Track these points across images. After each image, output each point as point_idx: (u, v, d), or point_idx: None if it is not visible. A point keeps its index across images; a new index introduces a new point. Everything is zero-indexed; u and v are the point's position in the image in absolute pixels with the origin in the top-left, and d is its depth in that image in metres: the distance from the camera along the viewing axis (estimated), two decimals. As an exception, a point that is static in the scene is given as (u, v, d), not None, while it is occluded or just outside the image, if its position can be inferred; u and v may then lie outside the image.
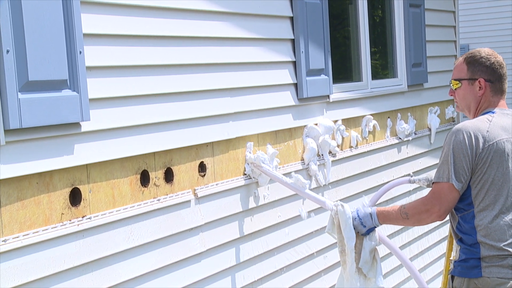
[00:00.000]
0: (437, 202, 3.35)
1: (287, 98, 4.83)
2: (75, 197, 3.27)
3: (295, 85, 4.90)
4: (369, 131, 5.91)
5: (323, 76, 5.15)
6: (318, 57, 5.08)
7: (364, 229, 3.64)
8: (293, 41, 4.90)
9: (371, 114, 5.90)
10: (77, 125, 3.22)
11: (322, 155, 5.19)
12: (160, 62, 3.78)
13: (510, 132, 3.42)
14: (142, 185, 3.65)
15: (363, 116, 5.82)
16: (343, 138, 5.50)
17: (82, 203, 3.29)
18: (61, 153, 3.15)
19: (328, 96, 5.26)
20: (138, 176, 3.63)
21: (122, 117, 3.50)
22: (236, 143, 4.34)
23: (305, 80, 4.92)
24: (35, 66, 2.97)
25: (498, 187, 3.36)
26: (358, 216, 3.66)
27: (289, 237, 4.81)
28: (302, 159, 5.00)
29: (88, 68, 3.29)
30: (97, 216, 3.36)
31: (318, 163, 5.11)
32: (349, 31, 6.08)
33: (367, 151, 5.86)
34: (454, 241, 3.57)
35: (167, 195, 3.80)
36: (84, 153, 3.28)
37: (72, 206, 3.24)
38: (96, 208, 3.36)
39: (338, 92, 5.47)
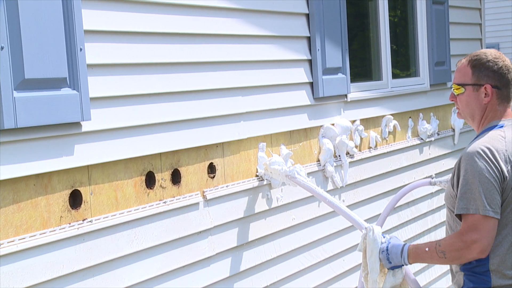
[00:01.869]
0: (477, 235, 2.96)
1: (302, 97, 4.69)
2: (75, 199, 3.16)
3: (311, 84, 4.76)
4: (389, 132, 5.74)
5: (340, 75, 5.00)
6: (335, 55, 4.93)
7: (389, 265, 3.27)
8: (309, 38, 4.75)
9: (391, 114, 5.73)
10: (77, 124, 3.11)
11: (339, 156, 5.04)
12: (166, 60, 3.66)
13: None
14: (147, 187, 3.53)
15: (383, 116, 5.66)
16: (361, 138, 5.35)
17: (82, 205, 3.18)
18: (60, 154, 3.04)
19: (345, 96, 5.11)
20: (143, 178, 3.51)
21: (126, 117, 3.39)
22: (248, 143, 4.21)
23: (321, 79, 4.77)
24: (32, 64, 2.86)
25: None
26: (387, 249, 3.26)
27: (303, 240, 4.67)
28: (318, 160, 4.86)
29: (90, 65, 3.18)
30: (98, 219, 3.25)
31: (334, 164, 4.96)
32: (369, 28, 5.91)
33: (387, 152, 5.70)
34: (453, 265, 3.24)
35: (174, 197, 3.68)
36: (85, 153, 3.16)
37: (72, 208, 3.13)
38: (97, 210, 3.25)
39: (356, 91, 5.32)
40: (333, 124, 4.96)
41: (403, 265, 3.27)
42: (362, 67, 5.92)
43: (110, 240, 3.30)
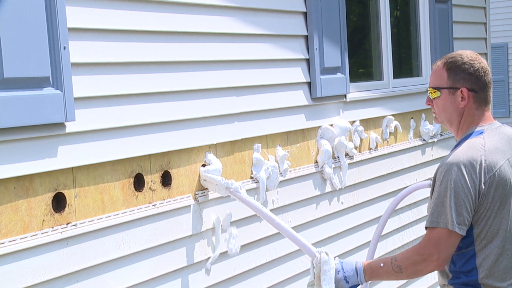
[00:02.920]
0: (435, 249, 2.86)
1: (300, 97, 4.58)
2: (59, 202, 3.06)
3: (309, 84, 4.66)
4: (390, 132, 5.63)
5: (339, 75, 4.90)
6: (334, 54, 4.82)
7: (346, 285, 3.09)
8: (306, 37, 4.65)
9: (392, 115, 5.62)
10: (61, 125, 3.01)
11: (338, 157, 4.93)
12: (156, 59, 3.56)
13: (505, 151, 2.99)
14: (136, 190, 3.43)
15: (383, 117, 5.55)
16: (361, 139, 5.24)
17: (66, 209, 3.08)
18: (42, 156, 2.94)
19: (344, 96, 5.00)
20: (132, 180, 3.41)
21: (113, 118, 3.29)
22: (242, 144, 4.11)
23: (319, 78, 4.67)
24: (12, 62, 2.76)
25: (500, 220, 2.94)
26: (343, 268, 3.11)
27: (300, 244, 4.56)
28: (316, 162, 4.75)
29: (74, 64, 3.08)
30: (83, 222, 3.15)
31: (333, 165, 4.85)
32: (369, 27, 5.80)
33: (388, 153, 5.59)
34: (440, 279, 3.11)
35: (164, 200, 3.58)
36: (70, 155, 3.06)
37: (56, 212, 3.03)
38: (82, 214, 3.15)
39: (356, 91, 5.21)
40: (331, 125, 4.86)
41: (359, 285, 3.13)
42: (362, 67, 5.81)
43: (96, 244, 3.20)
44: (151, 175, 3.51)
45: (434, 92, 3.07)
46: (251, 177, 4.17)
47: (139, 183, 3.46)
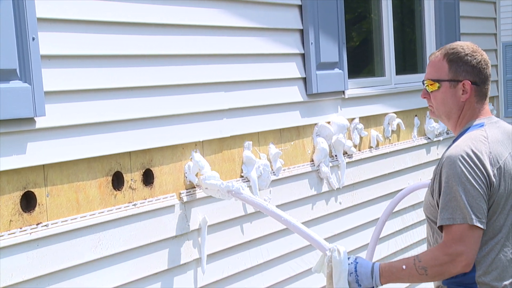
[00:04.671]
0: (463, 247, 2.65)
1: (294, 93, 4.41)
2: (29, 202, 2.92)
3: (304, 79, 4.49)
4: (392, 130, 5.45)
5: (336, 70, 4.72)
6: (331, 49, 4.65)
7: (357, 287, 2.88)
8: (301, 31, 4.48)
9: (394, 112, 5.44)
10: (30, 120, 2.86)
11: (335, 156, 4.76)
12: (138, 52, 3.40)
13: (506, 145, 2.82)
14: (114, 189, 3.28)
15: (385, 114, 5.37)
16: (361, 137, 5.06)
17: (37, 208, 2.93)
18: (9, 152, 2.79)
19: (343, 92, 4.83)
20: (110, 178, 3.26)
21: (89, 113, 3.13)
22: (232, 142, 3.94)
23: (315, 74, 4.49)
24: (-27, 54, 2.62)
25: (505, 216, 2.77)
26: (356, 271, 2.87)
27: (295, 245, 4.39)
28: (312, 160, 4.58)
29: (45, 57, 2.93)
30: (56, 223, 3.00)
31: (330, 164, 4.68)
32: (371, 21, 5.62)
33: (390, 152, 5.41)
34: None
35: (145, 199, 3.42)
36: (40, 152, 2.91)
37: (25, 212, 2.88)
38: (55, 214, 3.00)
39: (356, 87, 5.03)
40: (328, 122, 4.69)
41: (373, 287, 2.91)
42: (363, 63, 5.64)
43: (70, 246, 3.05)
44: (131, 173, 3.35)
45: (432, 84, 2.88)
46: (241, 176, 4.01)
47: (118, 181, 3.31)
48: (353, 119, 4.96)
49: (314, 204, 4.59)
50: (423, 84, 2.93)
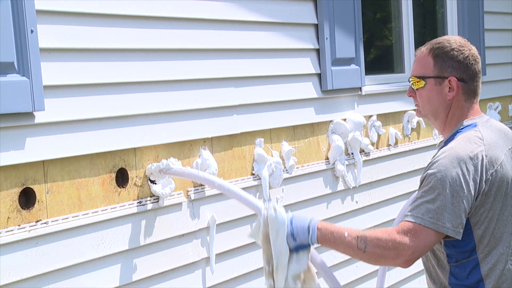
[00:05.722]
0: (413, 244, 2.46)
1: (309, 89, 4.31)
2: (28, 198, 2.85)
3: (318, 75, 4.38)
4: (412, 128, 5.32)
5: (353, 66, 4.61)
6: (347, 44, 4.54)
7: (293, 243, 2.64)
8: (316, 26, 4.37)
9: (414, 110, 5.31)
10: (29, 115, 2.79)
11: (352, 154, 4.65)
12: (145, 46, 3.33)
13: (501, 145, 2.65)
14: (118, 186, 3.20)
15: (404, 111, 5.24)
16: (379, 135, 4.94)
17: (36, 205, 2.86)
18: (7, 147, 2.72)
19: (360, 89, 4.71)
20: (113, 175, 3.18)
21: (92, 108, 3.06)
22: (242, 139, 3.85)
23: (330, 70, 4.39)
24: (-31, 46, 2.55)
25: (504, 223, 2.61)
26: (291, 224, 2.64)
27: (309, 245, 4.28)
28: (327, 158, 4.47)
29: (45, 50, 2.86)
30: (56, 220, 2.92)
31: (346, 162, 4.57)
32: (390, 15, 5.50)
33: (409, 150, 5.28)
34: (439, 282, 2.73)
35: (151, 197, 3.34)
36: (39, 147, 2.84)
37: (23, 209, 2.81)
38: (55, 211, 2.93)
39: (373, 84, 4.91)
40: (344, 119, 4.58)
41: (309, 245, 2.66)
42: (381, 59, 5.52)
43: (71, 244, 2.98)
44: (136, 170, 3.27)
45: (417, 81, 2.71)
46: (252, 174, 3.92)
47: (122, 178, 3.23)
48: (370, 116, 4.84)
49: (329, 203, 4.49)
50: (409, 81, 2.76)
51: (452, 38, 2.71)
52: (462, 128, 2.66)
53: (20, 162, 2.78)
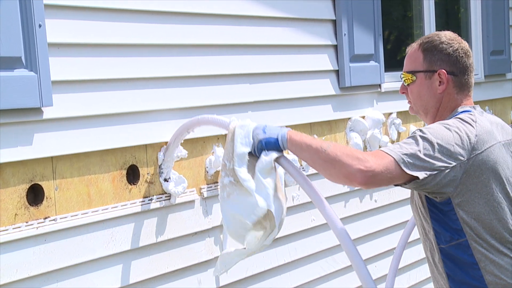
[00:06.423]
0: (375, 161, 2.39)
1: (326, 86, 4.25)
2: (36, 195, 2.81)
3: (336, 72, 4.32)
4: (433, 126, 5.22)
5: (372, 63, 4.54)
6: (366, 41, 4.46)
7: (262, 134, 2.63)
8: (334, 22, 4.30)
9: (436, 107, 5.21)
10: (37, 111, 2.76)
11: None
12: (157, 42, 3.29)
13: (496, 136, 2.57)
14: (129, 183, 3.16)
15: (426, 109, 5.14)
16: (399, 133, 4.87)
17: (45, 202, 2.83)
18: (14, 143, 2.69)
19: (379, 86, 4.64)
20: (124, 172, 3.14)
21: (102, 104, 3.03)
22: (257, 136, 3.79)
23: (348, 66, 4.32)
24: (-25, 40, 2.53)
25: (495, 213, 2.52)
26: (263, 125, 2.69)
27: (325, 243, 4.23)
28: (345, 156, 4.40)
29: (54, 45, 2.83)
30: (65, 217, 2.89)
31: (365, 161, 4.49)
32: (411, 12, 5.41)
33: (431, 149, 5.18)
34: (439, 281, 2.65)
35: (162, 194, 3.30)
36: (48, 143, 2.81)
37: (31, 205, 2.78)
38: (64, 208, 2.90)
39: (393, 81, 4.83)
40: (363, 117, 4.50)
41: (278, 147, 2.62)
42: (402, 55, 5.42)
43: (80, 241, 2.95)
44: (147, 167, 3.23)
45: (408, 77, 2.70)
46: (268, 171, 3.85)
47: (133, 175, 3.19)
48: (390, 113, 4.77)
49: (347, 202, 4.42)
50: (401, 78, 2.74)
51: (443, 33, 2.70)
52: (456, 114, 2.62)
53: (28, 158, 2.75)
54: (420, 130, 2.48)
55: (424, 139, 2.44)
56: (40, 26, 2.71)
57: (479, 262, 2.50)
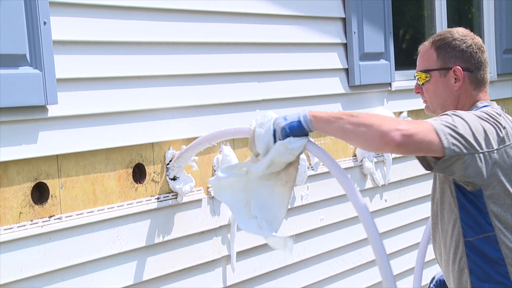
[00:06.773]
0: (412, 125, 2.28)
1: (335, 85, 4.21)
2: (41, 193, 2.80)
3: (346, 70, 4.28)
4: (444, 125, 5.18)
5: (382, 61, 4.50)
6: (376, 39, 4.43)
7: (284, 122, 2.52)
8: (344, 20, 4.27)
9: (447, 106, 5.17)
10: (42, 108, 2.74)
11: (381, 151, 4.53)
12: (164, 40, 3.26)
13: None
14: (135, 181, 3.15)
15: (437, 108, 5.10)
16: (410, 132, 4.81)
17: (50, 200, 2.81)
18: (19, 141, 2.68)
19: (389, 84, 4.60)
20: (130, 171, 3.12)
21: (107, 102, 3.01)
22: (266, 135, 3.76)
23: (358, 65, 4.28)
24: (-21, 38, 2.51)
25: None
26: (284, 115, 2.58)
27: (335, 243, 4.20)
28: (355, 155, 4.37)
29: (59, 42, 2.81)
30: (70, 216, 2.87)
31: (375, 160, 4.47)
32: (422, 9, 5.36)
33: (442, 148, 5.14)
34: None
35: (169, 193, 3.28)
36: (53, 141, 2.79)
37: (36, 204, 2.77)
38: (69, 206, 2.88)
39: (404, 79, 4.79)
40: (373, 116, 4.46)
41: (304, 131, 2.52)
42: (413, 54, 5.38)
43: (85, 240, 2.93)
44: (153, 166, 3.21)
45: (423, 76, 2.65)
46: (276, 170, 3.83)
47: (140, 174, 3.18)
48: (400, 112, 4.73)
49: (357, 201, 4.38)
50: (415, 78, 2.69)
51: (455, 29, 2.65)
52: (477, 109, 2.55)
53: (33, 156, 2.73)
54: (452, 112, 2.41)
55: (459, 117, 2.37)
56: (45, 23, 2.70)
57: (506, 257, 2.45)
